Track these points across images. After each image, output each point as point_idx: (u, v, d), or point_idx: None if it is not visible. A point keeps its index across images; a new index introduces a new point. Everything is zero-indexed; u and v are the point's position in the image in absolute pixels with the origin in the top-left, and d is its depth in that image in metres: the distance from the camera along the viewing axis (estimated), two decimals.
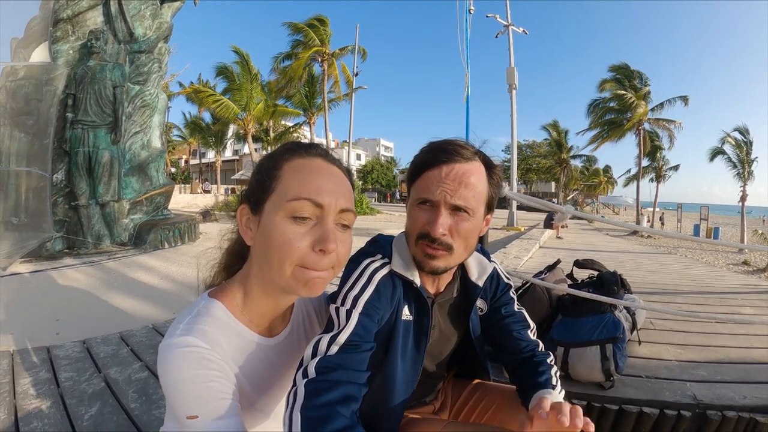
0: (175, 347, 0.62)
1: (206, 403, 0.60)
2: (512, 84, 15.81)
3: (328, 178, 0.70)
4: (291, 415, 0.66)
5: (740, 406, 1.58)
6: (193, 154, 45.72)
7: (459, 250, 0.87)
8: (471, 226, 0.86)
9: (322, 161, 0.72)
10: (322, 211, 0.67)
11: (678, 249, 12.63)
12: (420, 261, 0.88)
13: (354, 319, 0.80)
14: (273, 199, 0.68)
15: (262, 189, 0.70)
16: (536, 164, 43.28)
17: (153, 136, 7.31)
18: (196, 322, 0.67)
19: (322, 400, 0.67)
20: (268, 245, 0.66)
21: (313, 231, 0.66)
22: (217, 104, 21.35)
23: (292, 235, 0.65)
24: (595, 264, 2.44)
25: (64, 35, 6.37)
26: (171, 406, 0.62)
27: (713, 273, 5.86)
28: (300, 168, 0.69)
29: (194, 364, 0.61)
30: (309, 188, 0.66)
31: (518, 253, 6.44)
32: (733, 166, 19.56)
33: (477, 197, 0.86)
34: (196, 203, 19.65)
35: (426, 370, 1.05)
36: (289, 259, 0.65)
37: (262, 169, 0.72)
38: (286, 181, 0.68)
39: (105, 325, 3.03)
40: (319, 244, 0.65)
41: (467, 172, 0.85)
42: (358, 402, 0.73)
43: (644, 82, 21.88)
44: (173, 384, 0.60)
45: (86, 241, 6.14)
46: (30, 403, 1.85)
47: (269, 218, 0.67)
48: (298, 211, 0.65)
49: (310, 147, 0.74)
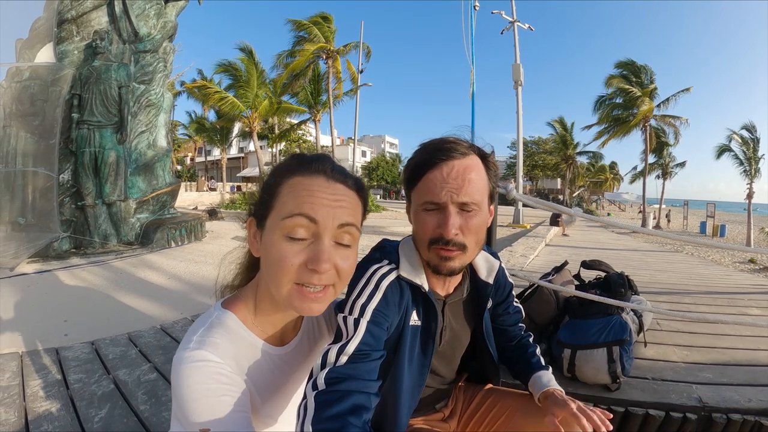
0: (188, 361, 0.63)
1: (218, 417, 0.61)
2: (518, 80, 15.70)
3: (325, 194, 0.69)
4: (302, 428, 0.66)
5: (745, 409, 1.57)
6: (199, 151, 45.90)
7: (471, 247, 0.88)
8: (479, 220, 0.87)
9: (323, 179, 0.70)
10: (318, 227, 0.67)
11: (685, 246, 12.56)
12: (436, 265, 0.88)
13: (362, 328, 0.80)
14: (272, 216, 0.69)
15: (265, 206, 0.71)
16: (542, 161, 43.00)
17: (159, 135, 7.34)
18: (209, 335, 0.68)
19: (333, 412, 0.67)
20: (268, 261, 0.68)
21: (308, 249, 0.66)
22: (222, 101, 21.39)
23: (287, 252, 0.66)
24: (602, 265, 2.43)
25: (68, 36, 6.41)
26: (183, 416, 0.63)
27: (720, 272, 5.81)
28: (297, 185, 0.69)
29: (207, 378, 0.63)
30: (303, 204, 0.67)
31: (524, 252, 6.41)
32: (740, 163, 19.40)
33: (480, 191, 0.86)
34: (201, 201, 19.72)
35: (438, 374, 1.05)
36: (287, 276, 0.66)
37: (266, 186, 0.74)
38: (283, 199, 0.69)
39: (113, 325, 3.06)
40: (311, 262, 0.65)
41: (467, 167, 0.85)
42: (369, 412, 0.72)
43: (650, 78, 21.71)
44: (186, 396, 0.61)
45: (93, 240, 6.19)
46: (40, 405, 1.86)
47: (268, 235, 0.69)
48: (293, 228, 0.66)
49: (312, 163, 0.72)
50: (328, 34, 21.06)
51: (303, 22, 20.88)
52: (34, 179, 5.77)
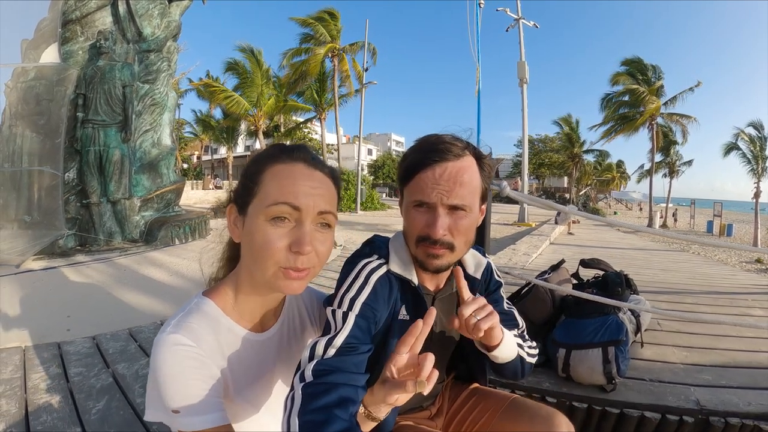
0: (163, 344, 0.67)
1: (187, 400, 0.65)
2: (523, 78, 15.65)
3: (307, 182, 0.73)
4: (289, 419, 0.67)
5: (744, 413, 1.54)
6: (205, 150, 46.13)
7: (460, 246, 0.88)
8: (469, 222, 0.87)
9: (303, 166, 0.74)
10: (300, 214, 0.71)
11: (691, 246, 12.44)
12: (423, 261, 0.89)
13: (350, 321, 0.81)
14: (255, 203, 0.72)
15: (247, 192, 0.74)
16: (548, 159, 42.72)
17: (163, 133, 7.37)
18: (186, 320, 0.71)
19: (320, 404, 0.67)
20: (252, 245, 0.71)
21: (291, 233, 0.70)
22: (228, 100, 21.47)
23: (272, 236, 0.69)
24: (601, 264, 2.41)
25: (73, 36, 6.43)
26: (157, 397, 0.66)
27: (725, 272, 5.75)
28: (279, 173, 0.73)
29: (178, 362, 0.66)
30: (286, 193, 0.70)
31: (527, 250, 6.39)
32: (747, 162, 19.18)
33: (472, 193, 0.86)
34: (207, 199, 19.83)
35: None
36: (272, 258, 0.69)
37: (247, 173, 0.76)
38: (266, 186, 0.72)
39: (115, 321, 3.08)
40: (295, 245, 0.69)
41: (460, 170, 0.85)
42: (356, 405, 0.73)
43: (657, 76, 21.50)
44: (161, 379, 0.65)
45: (98, 238, 6.24)
46: (40, 397, 1.90)
47: (252, 220, 0.71)
48: (276, 215, 0.70)
49: (293, 151, 0.76)
50: (334, 32, 21.03)
51: (308, 20, 20.86)
52: (40, 178, 5.82)
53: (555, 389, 1.72)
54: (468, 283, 1.02)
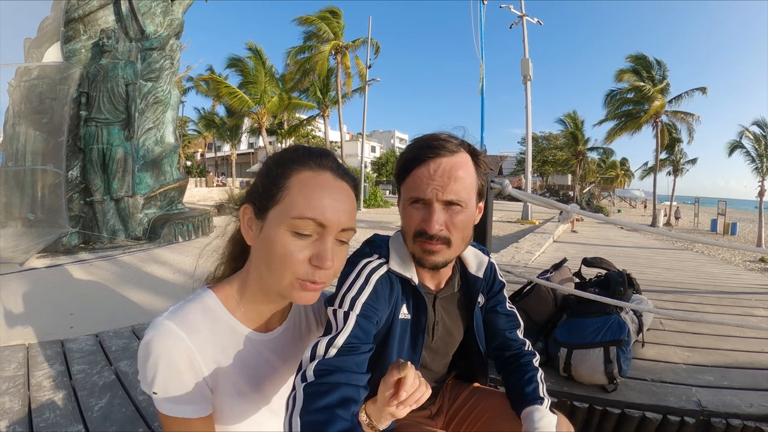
0: (156, 328, 0.66)
1: (164, 386, 0.66)
2: (527, 75, 15.56)
3: (335, 197, 0.71)
4: (291, 420, 0.66)
5: (746, 415, 1.53)
6: (209, 147, 46.22)
7: (456, 243, 0.88)
8: (465, 217, 0.87)
9: (331, 176, 0.72)
10: (324, 230, 0.69)
11: (695, 244, 12.37)
12: (419, 257, 0.89)
13: (351, 321, 0.81)
14: (278, 209, 0.69)
15: (268, 196, 0.71)
16: (552, 156, 42.54)
17: (166, 131, 7.39)
18: (183, 308, 0.71)
19: (321, 404, 0.67)
20: (269, 253, 0.69)
21: (313, 245, 0.69)
22: (232, 96, 21.49)
23: (293, 247, 0.67)
24: (603, 262, 2.40)
25: (75, 34, 6.46)
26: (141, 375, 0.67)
27: (729, 271, 5.72)
28: (308, 183, 0.70)
29: (164, 349, 0.65)
30: (315, 207, 0.68)
31: (530, 248, 6.38)
32: (752, 160, 19.06)
33: (467, 189, 0.87)
34: (211, 196, 19.87)
35: (430, 370, 1.06)
36: (290, 269, 0.67)
37: (271, 175, 0.72)
38: (293, 195, 0.69)
39: (118, 318, 3.10)
40: (316, 260, 0.68)
41: (455, 165, 0.85)
42: (358, 404, 0.72)
43: (663, 73, 21.36)
44: (145, 360, 0.65)
45: (101, 235, 6.28)
46: (43, 394, 1.91)
47: (272, 228, 0.69)
48: (301, 229, 0.68)
49: (320, 157, 0.73)
50: (337, 29, 21.01)
51: (311, 18, 20.84)
52: (44, 176, 5.86)
53: (556, 389, 1.71)
54: (471, 282, 1.03)
